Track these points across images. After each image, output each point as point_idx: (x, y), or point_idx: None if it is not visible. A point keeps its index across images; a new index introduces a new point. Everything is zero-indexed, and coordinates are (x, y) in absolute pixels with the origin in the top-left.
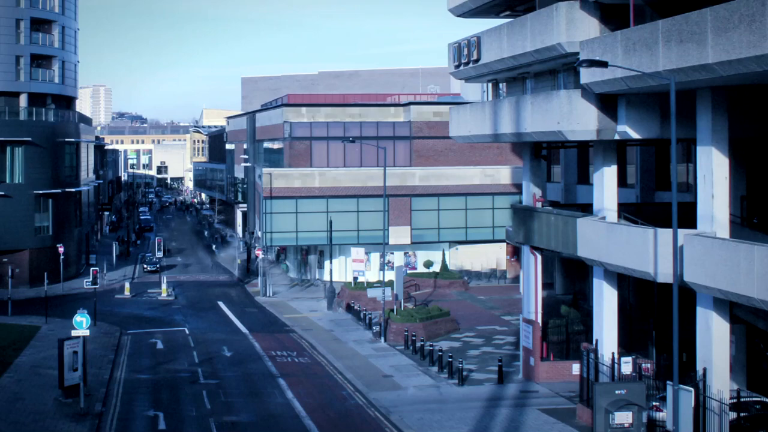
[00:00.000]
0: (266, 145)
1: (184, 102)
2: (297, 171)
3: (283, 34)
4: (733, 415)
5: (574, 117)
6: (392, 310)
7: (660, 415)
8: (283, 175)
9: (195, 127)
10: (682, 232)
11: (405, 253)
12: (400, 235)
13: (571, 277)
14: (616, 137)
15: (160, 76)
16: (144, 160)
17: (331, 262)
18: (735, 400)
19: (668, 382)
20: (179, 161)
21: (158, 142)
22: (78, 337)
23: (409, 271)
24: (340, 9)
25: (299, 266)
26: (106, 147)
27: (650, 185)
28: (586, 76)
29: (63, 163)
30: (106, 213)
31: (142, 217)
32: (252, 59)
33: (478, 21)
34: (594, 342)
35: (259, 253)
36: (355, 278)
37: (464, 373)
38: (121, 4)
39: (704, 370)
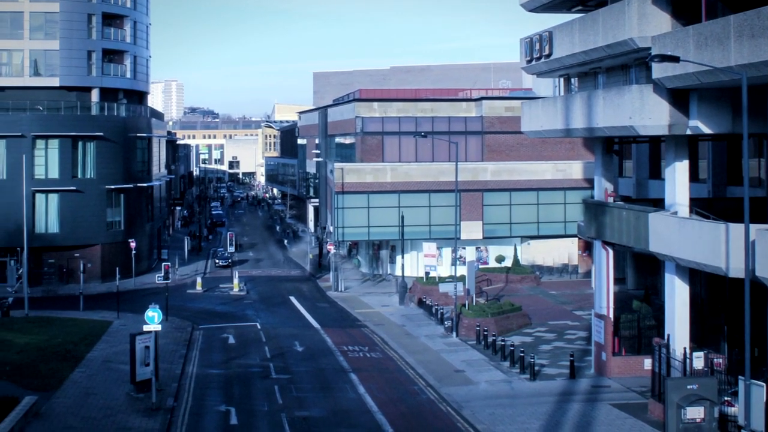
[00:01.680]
0: (338, 140)
1: (255, 97)
2: (369, 166)
3: (354, 29)
4: None
5: (645, 112)
6: (464, 305)
7: (732, 410)
8: (355, 170)
9: (267, 122)
10: (753, 227)
11: (477, 248)
12: (471, 230)
13: (642, 272)
14: (688, 132)
15: (232, 71)
16: (216, 155)
17: (402, 257)
18: None
19: (740, 377)
20: (251, 156)
21: (230, 137)
22: (150, 332)
23: (480, 266)
24: (412, 3)
25: (371, 261)
26: (177, 142)
27: (722, 180)
28: (658, 71)
29: (135, 158)
30: (178, 208)
31: (213, 212)
32: (324, 54)
33: (549, 16)
34: (666, 337)
35: (331, 248)
36: (427, 273)
37: (536, 368)
38: None
39: None
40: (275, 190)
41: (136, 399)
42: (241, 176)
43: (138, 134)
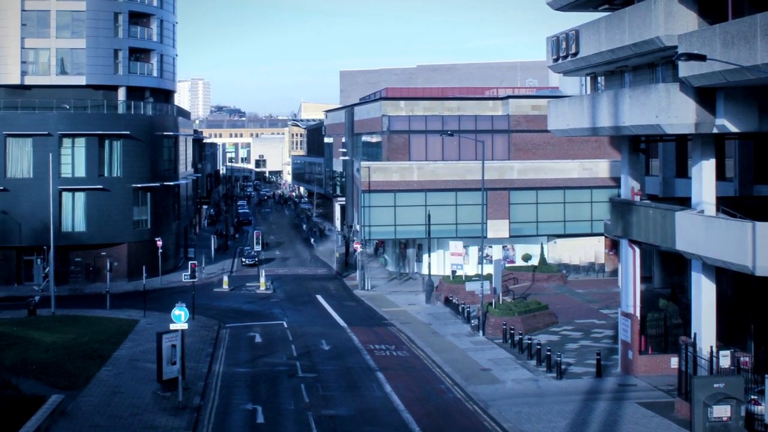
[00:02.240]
0: (364, 138)
1: (282, 95)
2: (395, 164)
3: (381, 28)
4: None
5: (672, 110)
6: (491, 304)
7: (758, 409)
8: (382, 169)
9: (293, 120)
10: None
11: (503, 247)
12: (498, 228)
13: (669, 271)
14: (715, 131)
15: (259, 70)
16: (242, 153)
17: (429, 256)
18: None
19: (766, 375)
20: (277, 155)
21: (256, 135)
22: (176, 330)
23: (507, 265)
24: (439, 2)
25: (397, 260)
26: (204, 140)
27: (748, 179)
28: (685, 69)
29: (161, 157)
30: (205, 206)
31: (240, 211)
32: (351, 52)
33: (576, 14)
34: (692, 335)
35: (358, 246)
36: (454, 272)
37: (562, 367)
38: None
39: None
40: (302, 189)
41: (162, 397)
42: (267, 175)
43: (164, 133)
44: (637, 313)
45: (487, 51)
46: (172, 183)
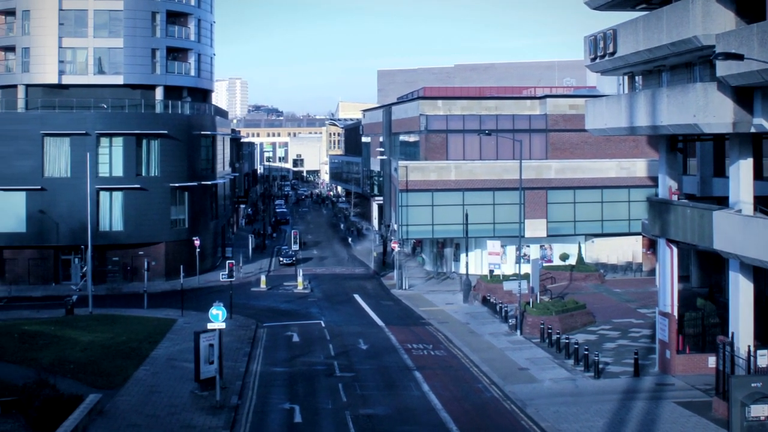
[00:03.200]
0: (402, 137)
1: (319, 95)
2: (433, 164)
3: (419, 27)
4: None
5: (710, 110)
6: (528, 303)
7: None
8: (419, 168)
9: (331, 119)
10: None
11: (541, 246)
12: (536, 227)
13: (707, 270)
14: (752, 130)
15: (296, 69)
16: (280, 153)
17: (467, 255)
18: None
19: None
20: (315, 154)
21: (294, 135)
22: (214, 329)
23: (545, 264)
24: (476, 1)
25: (435, 259)
26: (242, 140)
27: None
28: (722, 68)
29: (199, 156)
30: (242, 206)
31: (278, 210)
32: (388, 52)
33: (613, 14)
34: (730, 335)
35: (395, 245)
36: (491, 271)
37: (600, 366)
38: None
39: None
40: (339, 188)
41: (200, 397)
42: (305, 174)
43: (202, 132)
44: (675, 313)
45: (525, 50)
46: (209, 182)
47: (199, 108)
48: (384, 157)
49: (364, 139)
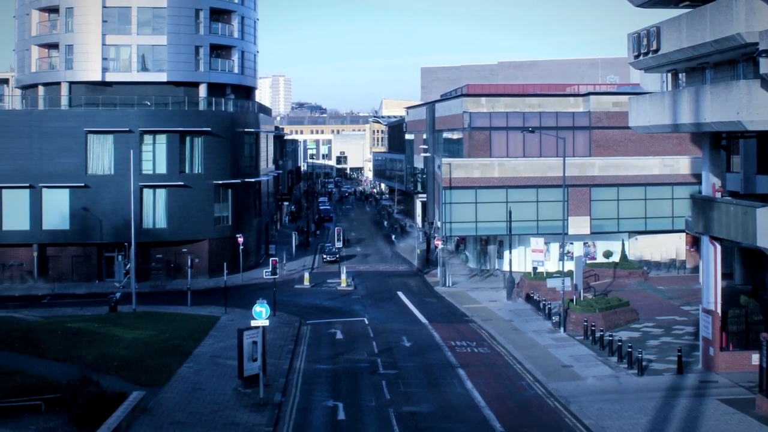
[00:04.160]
0: (445, 135)
1: (363, 92)
2: (476, 161)
3: (462, 24)
4: None
5: (753, 107)
6: (571, 300)
7: None
8: (463, 165)
9: (374, 117)
10: None
11: (584, 243)
12: (579, 225)
13: (750, 267)
14: None
15: (340, 66)
16: (323, 150)
17: (510, 252)
18: None
19: None
20: (358, 151)
21: (337, 132)
22: (257, 327)
23: (588, 261)
24: None
25: (478, 256)
26: (285, 137)
27: None
28: (766, 66)
29: (242, 153)
30: (286, 203)
31: (321, 207)
32: (432, 49)
33: (657, 11)
34: None
35: (439, 243)
36: (535, 268)
37: (643, 363)
38: None
39: None
40: (383, 186)
41: (243, 394)
42: (348, 171)
43: (245, 129)
44: (719, 310)
45: (568, 47)
46: (253, 180)
47: (243, 105)
48: (427, 155)
49: (407, 137)
